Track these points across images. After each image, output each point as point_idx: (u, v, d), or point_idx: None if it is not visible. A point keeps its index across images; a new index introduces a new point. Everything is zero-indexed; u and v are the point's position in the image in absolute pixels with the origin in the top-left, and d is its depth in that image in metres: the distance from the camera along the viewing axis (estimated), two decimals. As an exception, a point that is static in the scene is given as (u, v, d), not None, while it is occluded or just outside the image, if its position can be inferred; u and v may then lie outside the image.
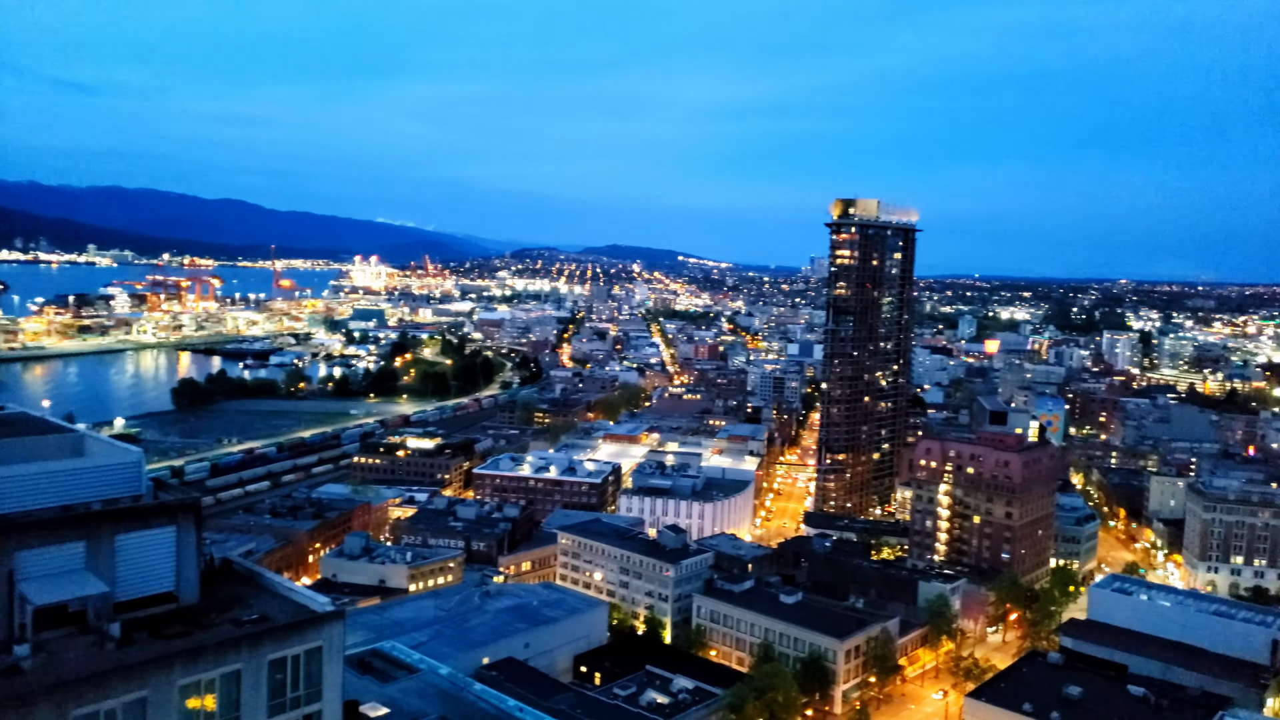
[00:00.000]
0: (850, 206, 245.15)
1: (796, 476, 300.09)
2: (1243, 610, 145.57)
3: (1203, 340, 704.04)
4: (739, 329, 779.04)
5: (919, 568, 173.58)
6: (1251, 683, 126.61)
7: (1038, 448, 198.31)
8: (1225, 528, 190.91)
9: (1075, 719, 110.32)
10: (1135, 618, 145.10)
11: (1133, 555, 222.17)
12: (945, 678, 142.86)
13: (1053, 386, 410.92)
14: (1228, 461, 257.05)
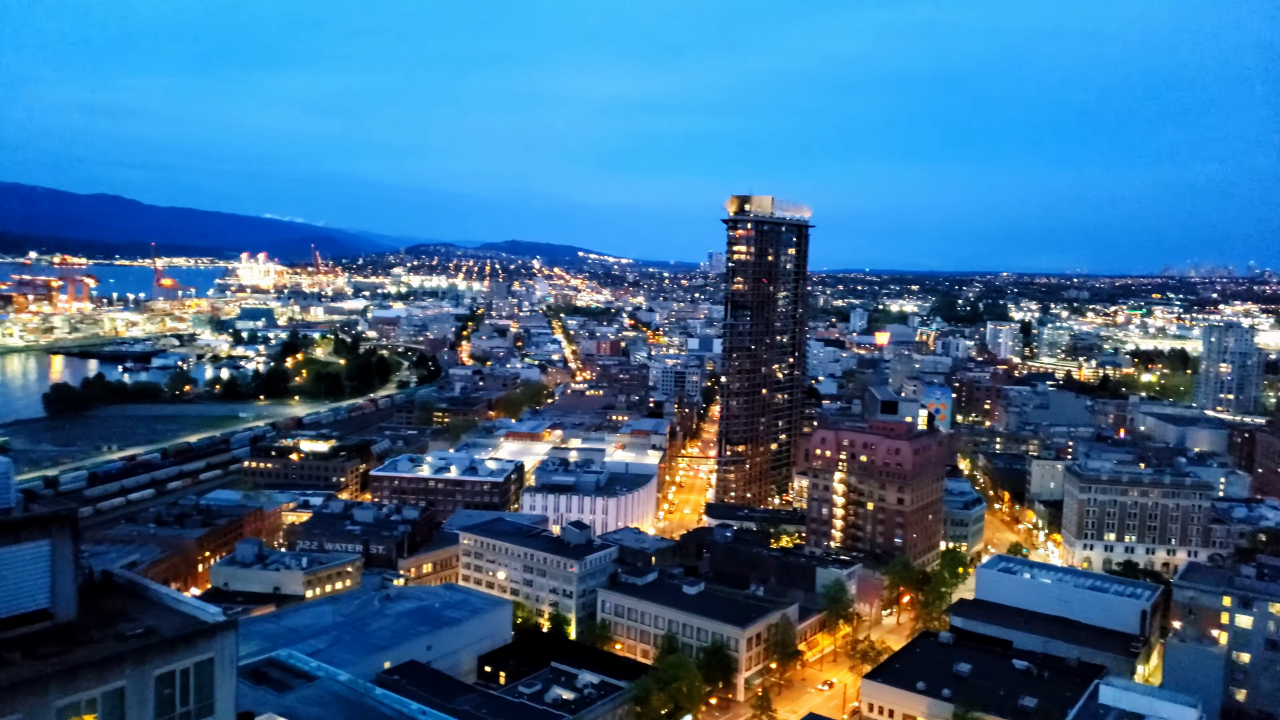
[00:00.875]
0: (746, 203, 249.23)
1: (698, 469, 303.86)
2: (1115, 584, 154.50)
3: (1078, 330, 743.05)
4: (640, 325, 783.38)
5: (816, 554, 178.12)
6: (1124, 651, 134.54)
7: (927, 435, 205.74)
8: (1099, 507, 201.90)
9: (964, 694, 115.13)
10: (1019, 596, 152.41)
11: (1016, 536, 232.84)
12: (843, 661, 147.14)
13: (940, 376, 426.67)
14: (1101, 444, 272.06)
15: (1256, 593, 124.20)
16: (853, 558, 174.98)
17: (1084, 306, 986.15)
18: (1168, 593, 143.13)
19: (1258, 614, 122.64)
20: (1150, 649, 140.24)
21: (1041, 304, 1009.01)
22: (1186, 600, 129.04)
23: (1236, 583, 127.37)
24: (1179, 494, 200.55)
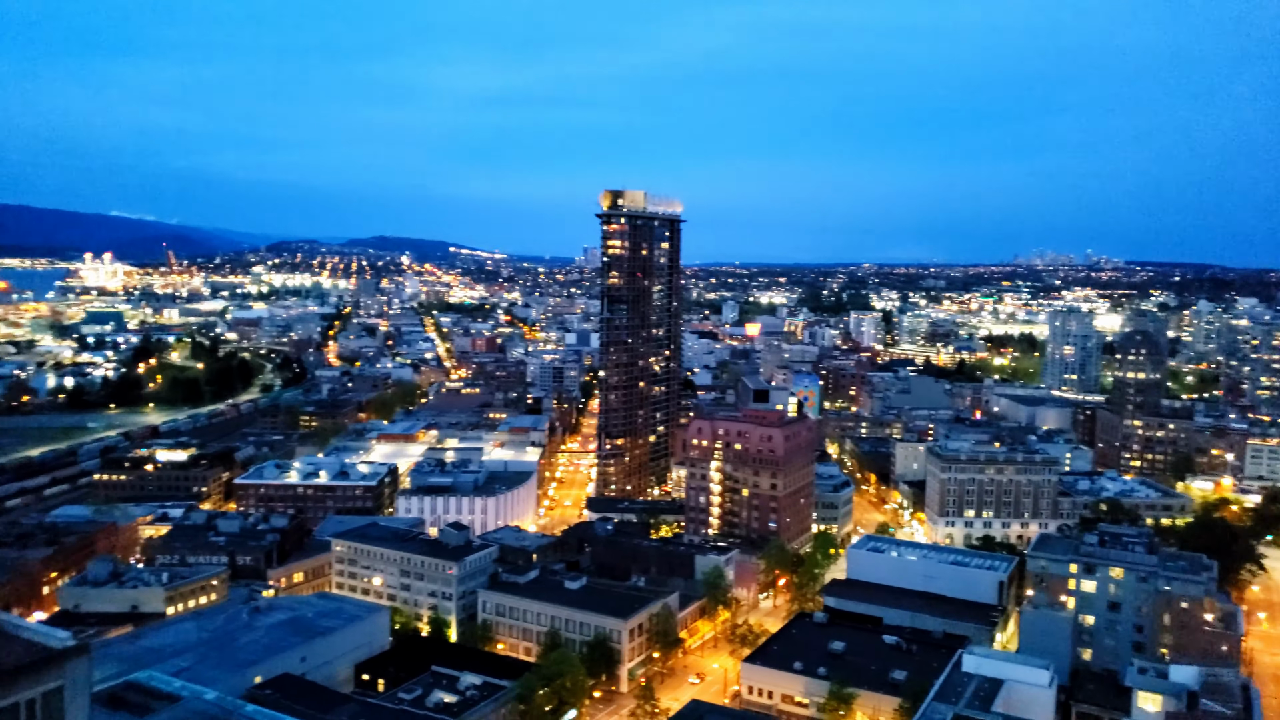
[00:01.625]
0: (619, 198, 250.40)
1: (578, 464, 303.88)
2: (975, 558, 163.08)
3: (935, 317, 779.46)
4: (516, 320, 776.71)
5: (695, 543, 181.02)
6: (984, 621, 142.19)
7: (797, 422, 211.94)
8: (959, 485, 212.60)
9: (839, 671, 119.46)
10: (888, 573, 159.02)
11: (884, 516, 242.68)
12: (724, 646, 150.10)
13: (808, 365, 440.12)
14: (959, 426, 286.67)
15: (1098, 559, 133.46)
16: (730, 544, 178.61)
17: (940, 295, 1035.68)
18: (1022, 563, 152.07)
19: (1100, 579, 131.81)
20: (1008, 617, 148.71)
21: (901, 293, 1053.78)
22: (1038, 570, 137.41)
23: (1081, 551, 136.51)
24: (1030, 470, 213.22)
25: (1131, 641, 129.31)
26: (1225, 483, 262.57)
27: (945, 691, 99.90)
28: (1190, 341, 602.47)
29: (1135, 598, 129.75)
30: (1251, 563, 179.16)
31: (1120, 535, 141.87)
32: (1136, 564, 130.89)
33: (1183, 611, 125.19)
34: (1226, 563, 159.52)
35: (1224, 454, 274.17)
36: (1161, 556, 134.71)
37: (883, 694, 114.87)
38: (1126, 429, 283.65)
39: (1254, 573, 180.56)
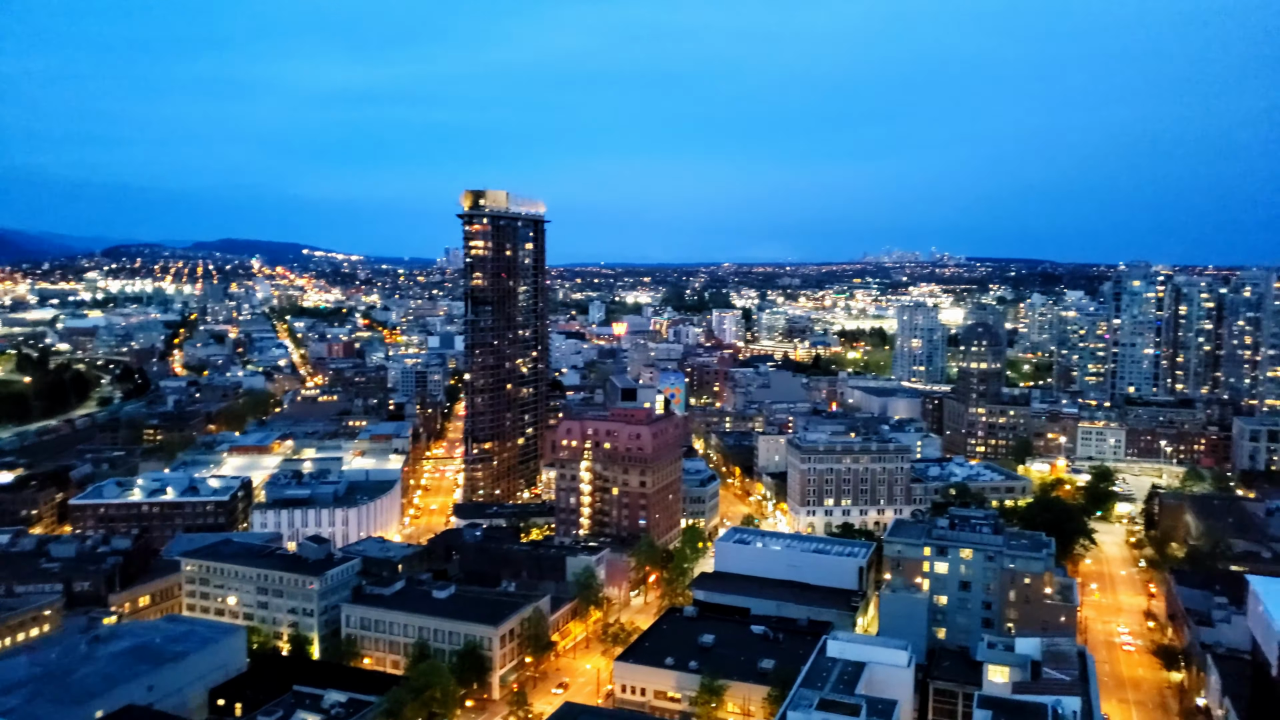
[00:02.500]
0: (481, 198, 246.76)
1: (445, 470, 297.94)
2: (836, 545, 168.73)
3: (792, 314, 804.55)
4: (376, 324, 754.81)
5: (566, 544, 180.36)
6: (846, 606, 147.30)
7: (664, 420, 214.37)
8: (819, 475, 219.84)
9: (710, 664, 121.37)
10: (754, 564, 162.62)
11: (749, 508, 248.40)
12: (596, 646, 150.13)
13: (674, 362, 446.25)
14: (817, 418, 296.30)
15: (949, 541, 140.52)
16: (601, 544, 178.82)
17: (797, 292, 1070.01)
18: (879, 549, 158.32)
19: (951, 560, 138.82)
20: (868, 601, 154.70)
21: (760, 291, 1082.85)
22: (894, 554, 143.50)
23: (934, 534, 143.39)
24: (884, 459, 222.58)
25: (981, 618, 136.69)
26: (1060, 464, 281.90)
27: (811, 677, 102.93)
28: (1026, 332, 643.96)
29: (983, 576, 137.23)
30: (1084, 537, 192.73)
31: (969, 518, 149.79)
32: (984, 544, 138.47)
33: (1026, 587, 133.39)
34: (1063, 539, 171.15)
35: (1058, 437, 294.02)
36: (1006, 536, 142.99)
37: (752, 684, 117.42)
38: (971, 416, 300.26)
39: (1086, 547, 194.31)
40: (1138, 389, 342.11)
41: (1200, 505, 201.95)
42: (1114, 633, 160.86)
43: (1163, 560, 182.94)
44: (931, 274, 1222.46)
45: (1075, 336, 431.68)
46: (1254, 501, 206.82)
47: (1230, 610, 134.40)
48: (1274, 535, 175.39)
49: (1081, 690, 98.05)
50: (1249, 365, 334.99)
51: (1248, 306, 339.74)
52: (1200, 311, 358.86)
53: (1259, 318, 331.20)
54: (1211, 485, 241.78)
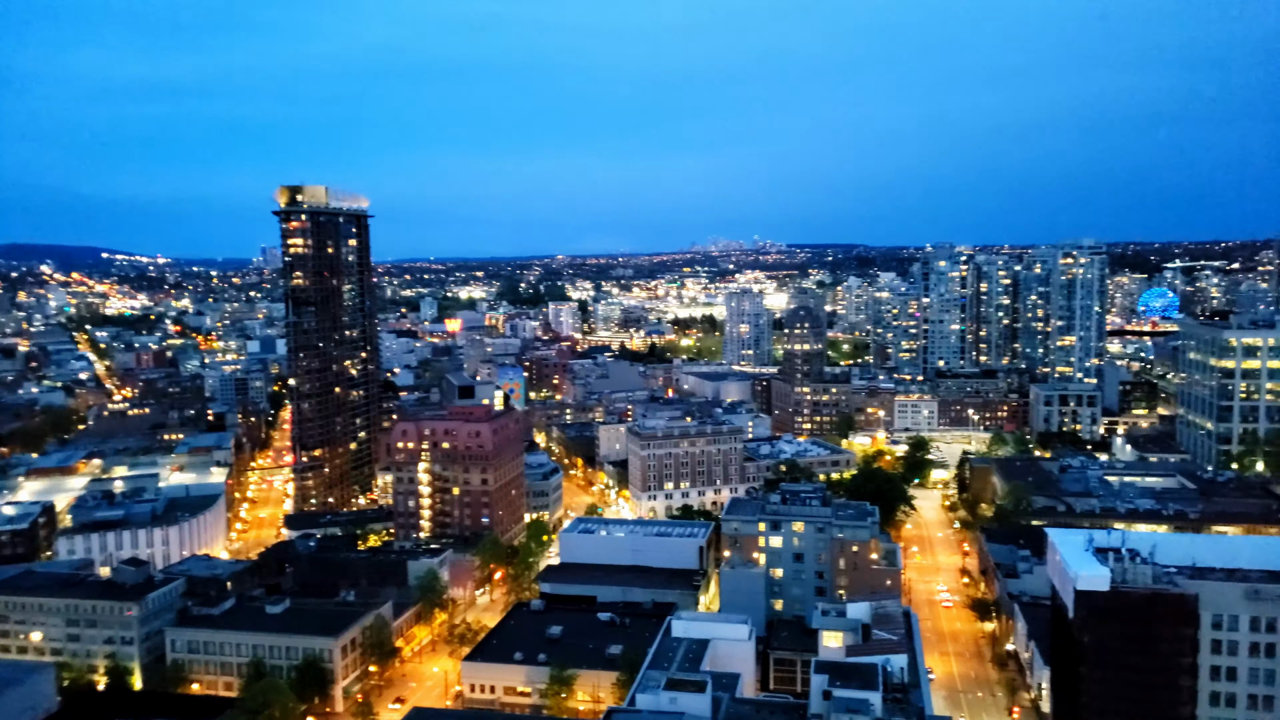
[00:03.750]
0: (298, 194, 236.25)
1: (272, 480, 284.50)
2: (677, 528, 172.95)
3: (627, 304, 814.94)
4: (189, 330, 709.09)
5: (407, 548, 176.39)
6: (689, 586, 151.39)
7: (504, 415, 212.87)
8: (658, 460, 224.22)
9: (558, 655, 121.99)
10: (599, 552, 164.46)
11: (592, 497, 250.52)
12: (443, 648, 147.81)
13: (511, 357, 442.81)
14: (655, 405, 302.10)
15: (782, 516, 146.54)
16: (443, 545, 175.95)
17: (630, 283, 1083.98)
18: (718, 528, 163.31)
19: (785, 534, 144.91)
20: (709, 579, 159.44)
21: (594, 283, 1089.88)
22: (732, 532, 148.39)
23: (767, 510, 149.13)
24: (719, 440, 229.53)
25: (815, 587, 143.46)
26: (880, 436, 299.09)
27: (658, 659, 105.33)
28: (844, 314, 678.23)
29: (815, 547, 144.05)
30: (905, 504, 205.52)
31: (799, 492, 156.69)
32: (814, 517, 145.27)
33: (854, 554, 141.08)
34: (885, 507, 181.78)
35: (878, 411, 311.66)
36: (834, 508, 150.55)
37: (601, 670, 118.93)
38: (797, 396, 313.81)
39: (907, 513, 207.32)
40: (947, 363, 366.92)
41: (1004, 467, 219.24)
42: (934, 591, 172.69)
43: (974, 520, 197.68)
44: (756, 261, 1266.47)
45: (889, 316, 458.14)
46: (1050, 461, 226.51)
47: (1033, 561, 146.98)
48: (1067, 491, 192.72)
49: (908, 648, 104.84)
50: (1042, 336, 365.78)
51: (1039, 282, 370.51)
52: (999, 288, 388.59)
53: (1049, 292, 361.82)
54: (1014, 448, 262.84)
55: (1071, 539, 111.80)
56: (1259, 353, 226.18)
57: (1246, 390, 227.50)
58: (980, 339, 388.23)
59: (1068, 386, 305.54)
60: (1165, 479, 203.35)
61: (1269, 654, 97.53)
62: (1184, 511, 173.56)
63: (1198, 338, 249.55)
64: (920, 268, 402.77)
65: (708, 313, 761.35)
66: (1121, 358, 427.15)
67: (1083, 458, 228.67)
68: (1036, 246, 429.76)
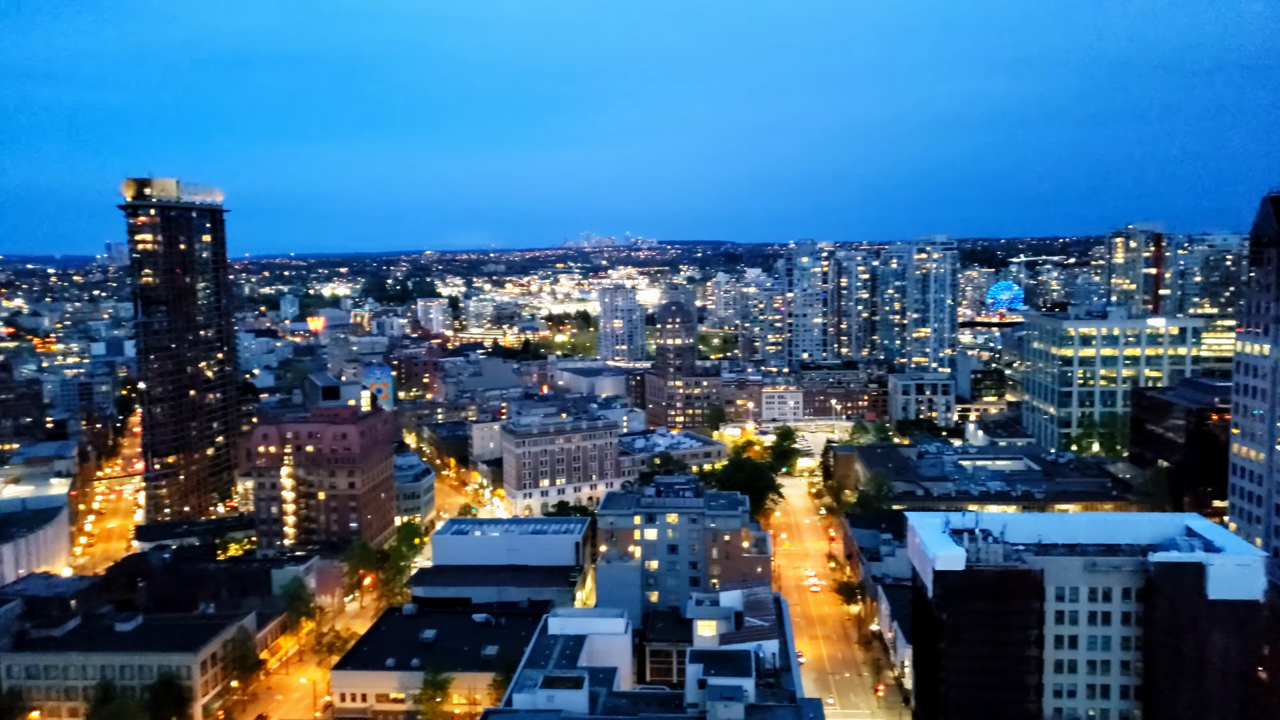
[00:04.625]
0: (146, 186, 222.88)
1: (122, 490, 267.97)
2: (553, 525, 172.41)
3: (499, 300, 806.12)
4: (23, 332, 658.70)
5: (270, 556, 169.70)
6: (565, 583, 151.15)
7: (372, 416, 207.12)
8: (533, 458, 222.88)
9: (433, 659, 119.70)
10: (474, 553, 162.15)
11: (466, 498, 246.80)
12: (311, 658, 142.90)
13: (378, 356, 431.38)
14: (529, 402, 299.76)
15: (656, 508, 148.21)
16: (309, 552, 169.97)
17: (502, 279, 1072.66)
18: (594, 523, 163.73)
19: (659, 526, 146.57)
20: (586, 575, 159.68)
21: (465, 279, 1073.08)
22: (608, 526, 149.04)
23: (642, 503, 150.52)
24: (594, 436, 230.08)
25: (689, 577, 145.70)
26: (749, 427, 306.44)
27: (535, 657, 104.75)
28: (714, 308, 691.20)
29: (689, 538, 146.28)
30: (773, 492, 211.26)
31: (673, 485, 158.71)
32: (687, 508, 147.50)
33: (726, 544, 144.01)
34: (755, 496, 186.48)
35: (747, 403, 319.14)
36: (706, 498, 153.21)
37: (477, 672, 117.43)
38: (670, 389, 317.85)
39: (775, 501, 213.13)
40: (811, 355, 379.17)
41: (866, 454, 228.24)
42: (803, 576, 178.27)
43: (839, 506, 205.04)
44: (628, 257, 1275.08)
45: (756, 310, 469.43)
46: (908, 447, 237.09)
47: (895, 545, 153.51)
48: (925, 475, 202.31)
49: (779, 633, 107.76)
50: (899, 328, 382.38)
51: (896, 277, 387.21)
52: (858, 283, 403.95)
53: (905, 286, 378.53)
54: (874, 436, 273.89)
55: (930, 522, 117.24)
56: (1093, 341, 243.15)
57: (1083, 377, 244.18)
58: (842, 332, 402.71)
59: (923, 376, 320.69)
60: (1013, 462, 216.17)
61: (1104, 621, 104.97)
62: (1030, 492, 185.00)
63: (1040, 328, 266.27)
64: (784, 264, 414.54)
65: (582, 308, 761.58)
66: (972, 348, 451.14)
67: (939, 444, 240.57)
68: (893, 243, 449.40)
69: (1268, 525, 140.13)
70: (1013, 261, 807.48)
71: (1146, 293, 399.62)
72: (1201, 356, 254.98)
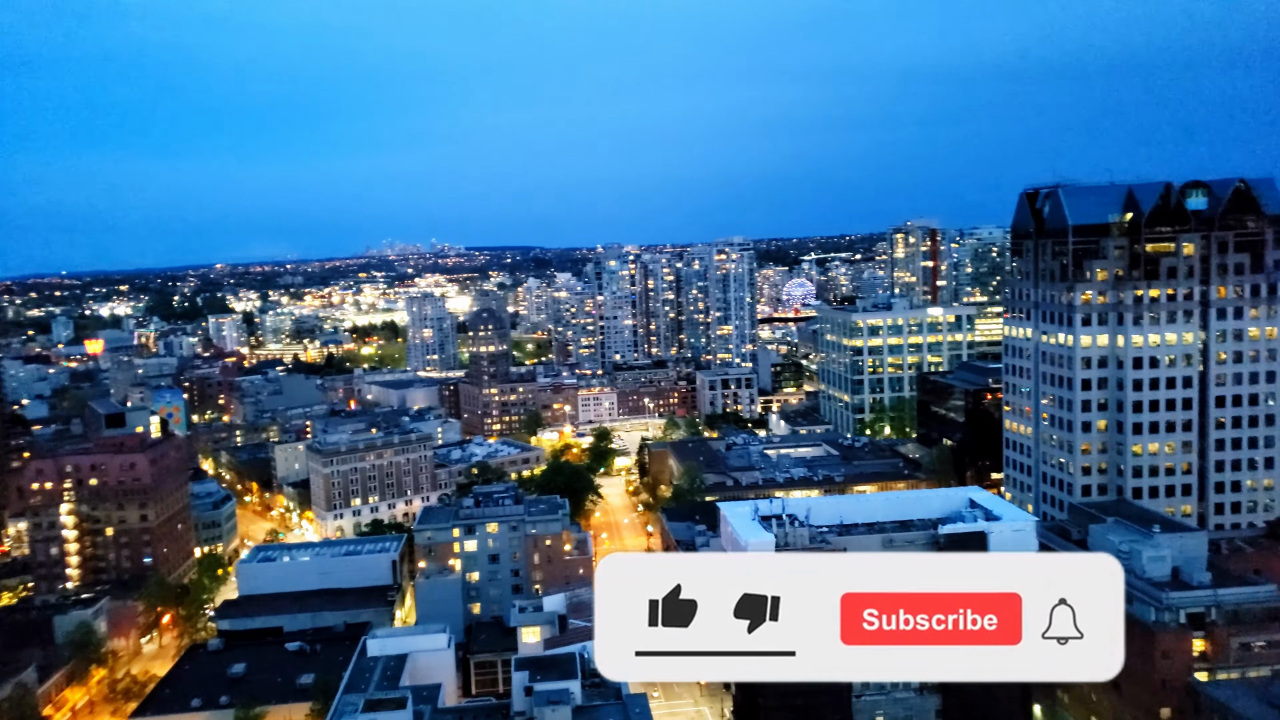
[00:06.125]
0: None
1: None
2: (367, 544, 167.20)
3: (299, 314, 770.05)
4: None
5: (52, 602, 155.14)
6: (383, 603, 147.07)
7: (163, 443, 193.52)
8: (343, 477, 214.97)
9: (243, 694, 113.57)
10: (283, 580, 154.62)
11: (272, 523, 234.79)
12: (104, 707, 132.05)
13: (168, 378, 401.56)
14: (336, 419, 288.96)
15: (476, 519, 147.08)
16: (98, 593, 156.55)
17: (301, 291, 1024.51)
18: (411, 539, 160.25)
19: (479, 537, 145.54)
20: (405, 593, 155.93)
21: (261, 293, 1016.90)
22: (425, 541, 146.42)
23: (461, 515, 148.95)
24: (407, 450, 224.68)
25: (512, 585, 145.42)
26: (566, 430, 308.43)
27: (354, 681, 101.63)
28: (526, 314, 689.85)
29: (510, 546, 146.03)
30: (592, 493, 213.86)
31: (492, 494, 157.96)
32: (507, 516, 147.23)
33: (547, 548, 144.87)
34: (574, 498, 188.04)
35: (563, 406, 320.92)
36: (526, 505, 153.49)
37: (294, 703, 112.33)
38: (485, 398, 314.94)
39: (595, 501, 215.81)
40: (622, 356, 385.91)
41: (679, 449, 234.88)
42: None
43: (655, 502, 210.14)
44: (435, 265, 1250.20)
45: (568, 314, 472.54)
46: (717, 440, 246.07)
47: (709, 535, 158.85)
48: (734, 466, 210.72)
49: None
50: (703, 326, 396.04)
51: (698, 277, 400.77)
52: (664, 284, 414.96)
53: (707, 286, 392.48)
54: (686, 431, 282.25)
55: (740, 510, 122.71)
56: (880, 332, 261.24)
57: (873, 365, 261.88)
58: (651, 332, 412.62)
59: (728, 371, 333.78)
60: (814, 449, 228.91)
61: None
62: (831, 476, 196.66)
63: (832, 321, 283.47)
64: (593, 268, 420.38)
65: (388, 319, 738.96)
66: (772, 342, 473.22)
67: (745, 435, 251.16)
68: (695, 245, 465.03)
69: (1037, 492, 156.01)
70: (804, 259, 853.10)
71: (925, 284, 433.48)
72: (976, 341, 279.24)
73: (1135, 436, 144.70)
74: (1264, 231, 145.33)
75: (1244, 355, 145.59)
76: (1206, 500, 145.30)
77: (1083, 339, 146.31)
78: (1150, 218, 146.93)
